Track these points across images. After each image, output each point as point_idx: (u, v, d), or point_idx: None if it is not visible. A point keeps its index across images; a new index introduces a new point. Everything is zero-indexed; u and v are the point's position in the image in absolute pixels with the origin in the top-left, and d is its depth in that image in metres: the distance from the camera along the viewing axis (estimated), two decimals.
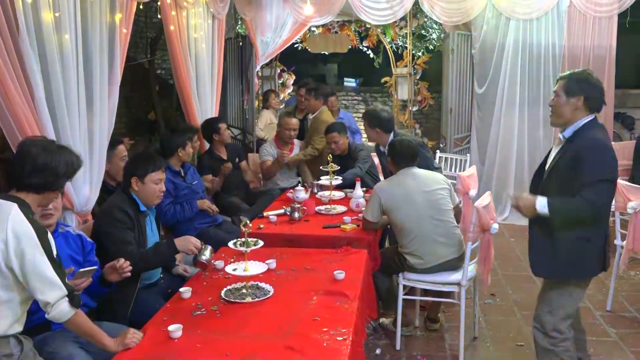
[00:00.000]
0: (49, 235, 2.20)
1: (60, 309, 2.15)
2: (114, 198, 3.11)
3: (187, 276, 3.27)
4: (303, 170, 5.53)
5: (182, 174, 4.31)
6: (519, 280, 4.91)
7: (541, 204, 2.71)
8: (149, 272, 3.10)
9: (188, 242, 2.98)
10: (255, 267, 2.73)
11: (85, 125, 3.30)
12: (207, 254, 2.96)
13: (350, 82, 10.82)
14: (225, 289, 2.74)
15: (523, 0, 6.31)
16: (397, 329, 3.74)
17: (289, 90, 8.39)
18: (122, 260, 2.70)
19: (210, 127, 5.07)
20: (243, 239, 2.71)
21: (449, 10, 6.33)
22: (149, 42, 7.61)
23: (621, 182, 4.16)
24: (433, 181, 3.65)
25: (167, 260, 3.20)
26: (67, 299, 2.16)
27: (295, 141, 5.59)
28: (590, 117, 2.74)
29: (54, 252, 2.19)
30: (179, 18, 4.67)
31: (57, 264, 2.17)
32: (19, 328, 2.19)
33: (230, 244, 2.74)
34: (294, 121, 5.41)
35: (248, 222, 2.69)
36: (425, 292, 3.92)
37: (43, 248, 2.12)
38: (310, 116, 5.62)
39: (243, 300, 2.63)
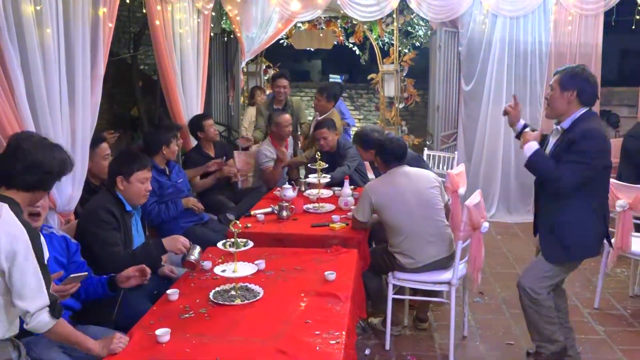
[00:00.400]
0: (41, 238, 2.11)
1: (40, 319, 2.04)
2: (99, 198, 3.03)
3: (174, 277, 3.19)
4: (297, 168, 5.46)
5: (167, 172, 4.22)
6: (507, 278, 4.90)
7: (530, 146, 3.03)
8: None
9: (176, 242, 2.92)
10: (244, 268, 2.67)
11: (68, 122, 3.20)
12: (195, 254, 2.90)
13: (335, 79, 10.77)
14: (213, 291, 2.67)
15: None
16: (387, 328, 3.70)
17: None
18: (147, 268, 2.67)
19: (196, 124, 4.99)
20: (232, 240, 2.64)
21: (436, 7, 6.30)
22: (132, 37, 7.47)
23: (610, 180, 4.16)
24: (424, 179, 3.61)
25: (155, 261, 3.12)
26: (47, 309, 2.05)
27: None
28: (584, 109, 2.93)
29: (45, 256, 2.10)
30: (164, 13, 4.58)
31: (46, 270, 2.08)
32: (15, 330, 2.11)
33: (220, 244, 2.68)
34: (288, 117, 5.25)
35: (236, 221, 2.62)
36: (414, 291, 3.89)
37: (35, 252, 2.02)
38: (319, 117, 5.46)
39: (232, 303, 2.56)
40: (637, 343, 3.78)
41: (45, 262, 2.09)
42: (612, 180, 4.13)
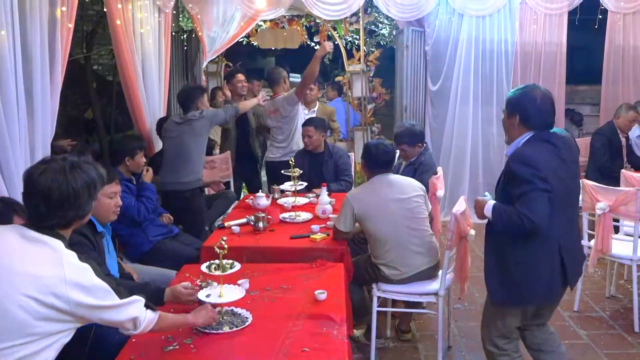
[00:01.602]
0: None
1: (147, 317, 2.01)
2: None
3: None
4: None
5: (134, 182, 3.96)
6: (484, 281, 4.82)
7: (488, 206, 2.67)
8: None
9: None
10: (230, 292, 2.46)
11: (25, 131, 2.93)
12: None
13: (296, 78, 10.55)
14: None
15: None
16: (372, 342, 3.55)
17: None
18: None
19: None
20: (217, 261, 2.43)
21: (403, 6, 6.21)
22: (85, 36, 7.08)
23: (589, 182, 4.13)
24: (409, 188, 3.47)
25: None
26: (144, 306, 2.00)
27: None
28: (530, 134, 2.63)
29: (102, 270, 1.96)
30: (125, 11, 4.29)
31: (112, 282, 1.93)
32: None
33: (204, 267, 2.45)
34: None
35: (224, 244, 2.40)
36: (395, 302, 3.76)
37: (101, 278, 1.87)
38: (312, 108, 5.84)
39: (220, 331, 2.35)
40: (620, 347, 3.76)
41: (105, 275, 1.96)
42: (591, 182, 4.12)
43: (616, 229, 4.24)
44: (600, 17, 6.42)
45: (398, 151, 4.33)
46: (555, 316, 3.84)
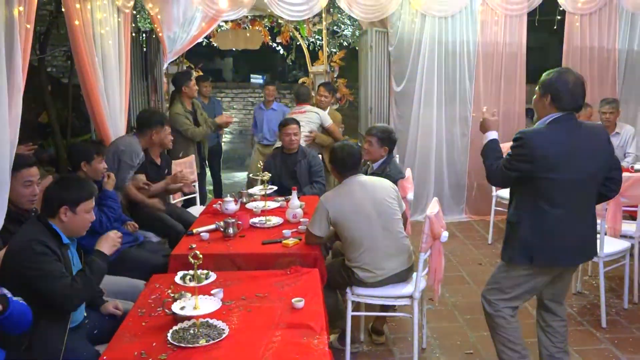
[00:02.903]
0: None
1: None
2: (28, 229, 2.57)
3: (119, 314, 2.83)
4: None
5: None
6: (453, 281, 4.87)
7: (488, 135, 2.99)
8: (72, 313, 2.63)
9: (108, 239, 2.82)
10: (206, 304, 2.37)
11: None
12: None
13: (257, 79, 10.47)
14: (171, 331, 2.34)
15: None
16: (346, 347, 3.51)
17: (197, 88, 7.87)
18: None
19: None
20: (191, 272, 2.34)
21: (366, 7, 6.18)
22: (38, 38, 6.81)
23: None
24: (382, 189, 3.44)
25: (104, 273, 2.76)
26: None
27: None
28: (555, 115, 2.78)
29: None
30: (84, 12, 4.12)
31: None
32: None
33: (177, 279, 2.36)
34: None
35: (198, 254, 2.31)
36: (369, 305, 3.73)
37: None
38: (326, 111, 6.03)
39: (196, 345, 2.25)
40: (589, 342, 3.82)
41: None
42: None
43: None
44: (559, 17, 6.55)
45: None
46: (524, 314, 3.90)
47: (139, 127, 4.55)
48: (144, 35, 6.75)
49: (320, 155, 5.36)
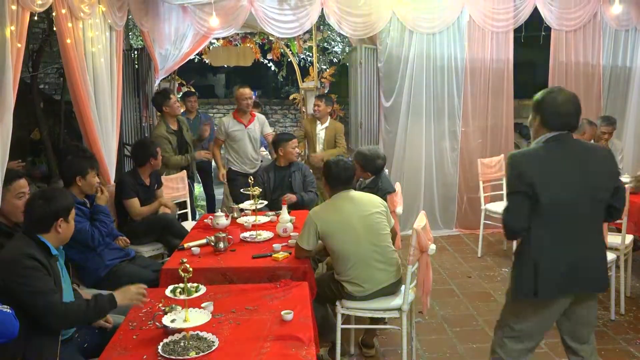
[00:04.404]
0: None
1: None
2: (16, 244, 2.60)
3: (109, 327, 2.85)
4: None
5: (88, 205, 3.84)
6: (443, 294, 4.91)
7: None
8: None
9: (127, 293, 2.66)
10: (196, 316, 2.40)
11: None
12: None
13: None
14: (162, 343, 2.38)
15: (426, 14, 6.40)
16: None
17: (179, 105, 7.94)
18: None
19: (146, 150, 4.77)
20: (182, 285, 2.37)
21: (355, 24, 6.27)
22: (31, 55, 6.86)
23: None
24: (370, 204, 3.49)
25: (103, 315, 2.75)
26: None
27: (257, 115, 5.88)
28: (549, 135, 2.66)
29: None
30: (76, 30, 4.17)
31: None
32: None
33: (168, 292, 2.39)
34: (248, 90, 5.61)
35: (189, 267, 2.35)
36: (358, 318, 3.76)
37: None
38: (324, 124, 6.08)
39: (186, 357, 2.28)
40: None
41: None
42: None
43: None
44: (544, 33, 6.67)
45: None
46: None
47: (138, 162, 4.78)
48: (135, 52, 6.84)
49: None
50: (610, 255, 4.25)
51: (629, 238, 4.55)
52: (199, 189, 7.26)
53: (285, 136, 5.19)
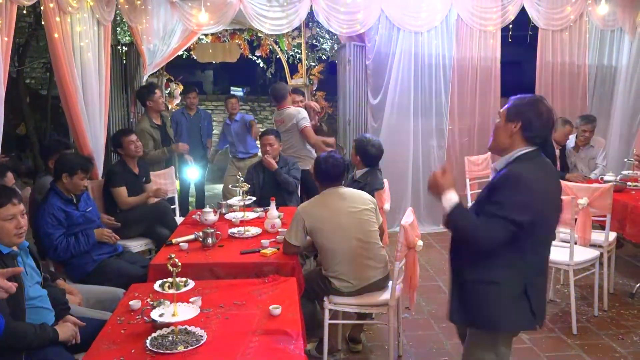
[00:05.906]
0: None
1: None
2: None
3: (81, 325, 2.77)
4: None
5: (75, 201, 3.82)
6: (430, 290, 4.94)
7: (451, 198, 2.49)
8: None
9: (68, 329, 2.65)
10: (184, 311, 2.41)
11: None
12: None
13: (237, 92, 10.53)
14: (150, 337, 2.38)
15: (414, 12, 6.44)
16: (324, 356, 3.56)
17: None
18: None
19: (116, 140, 4.73)
20: (170, 280, 2.38)
21: (344, 21, 6.29)
22: (17, 49, 6.81)
23: (568, 183, 4.46)
24: (360, 201, 3.51)
25: (42, 347, 2.53)
26: None
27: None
28: (528, 149, 2.41)
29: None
30: (64, 25, 4.16)
31: None
32: None
33: (157, 286, 2.40)
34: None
35: (177, 261, 2.36)
36: (346, 314, 3.79)
37: None
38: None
39: (175, 351, 2.29)
40: (560, 349, 3.92)
41: None
42: (571, 184, 4.46)
43: None
44: (531, 33, 6.73)
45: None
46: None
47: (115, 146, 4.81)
48: (123, 47, 6.80)
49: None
50: (594, 253, 4.32)
51: (613, 235, 4.61)
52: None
53: (264, 130, 5.26)
